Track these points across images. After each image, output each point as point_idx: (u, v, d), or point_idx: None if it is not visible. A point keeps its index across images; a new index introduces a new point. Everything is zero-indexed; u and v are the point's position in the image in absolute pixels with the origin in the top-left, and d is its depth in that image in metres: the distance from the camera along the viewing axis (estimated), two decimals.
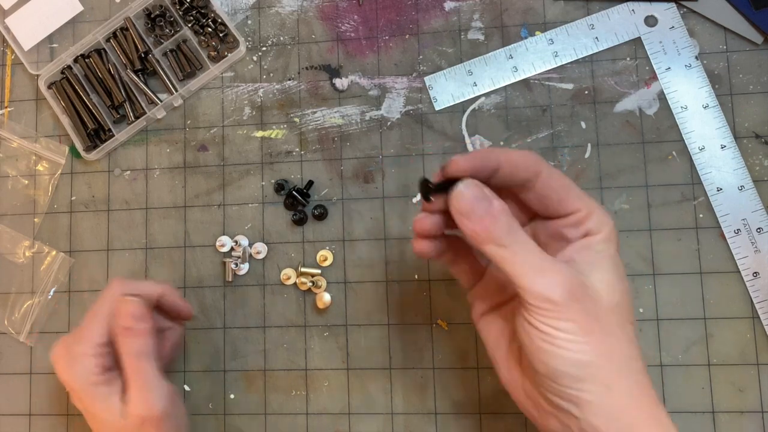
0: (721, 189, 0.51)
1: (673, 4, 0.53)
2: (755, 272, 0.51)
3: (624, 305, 0.36)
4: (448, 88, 0.55)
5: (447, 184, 0.37)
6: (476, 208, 0.35)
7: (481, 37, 0.56)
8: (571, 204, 0.37)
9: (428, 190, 0.37)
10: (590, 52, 0.54)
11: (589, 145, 0.53)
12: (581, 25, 0.54)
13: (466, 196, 0.36)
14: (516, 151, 0.38)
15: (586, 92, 0.54)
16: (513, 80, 0.54)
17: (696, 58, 0.53)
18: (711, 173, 0.52)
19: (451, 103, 0.55)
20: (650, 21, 0.54)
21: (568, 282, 0.34)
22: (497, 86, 0.55)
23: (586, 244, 0.37)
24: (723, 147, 0.52)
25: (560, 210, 0.38)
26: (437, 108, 0.55)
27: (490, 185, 0.38)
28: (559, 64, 0.54)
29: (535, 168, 0.37)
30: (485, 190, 0.36)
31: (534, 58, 0.54)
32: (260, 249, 0.56)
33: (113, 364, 0.44)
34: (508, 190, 0.38)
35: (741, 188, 0.51)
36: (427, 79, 0.55)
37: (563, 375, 0.34)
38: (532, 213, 0.40)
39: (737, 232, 0.51)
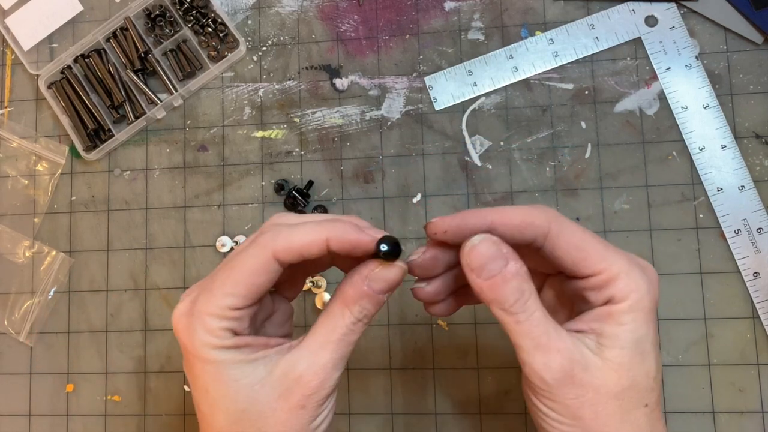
0: (721, 189, 0.51)
1: (673, 4, 0.53)
2: (755, 272, 0.51)
3: (638, 388, 0.32)
4: (449, 88, 0.55)
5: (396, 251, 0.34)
6: (488, 267, 0.32)
7: (481, 37, 0.55)
8: (589, 266, 0.33)
9: (384, 252, 0.33)
10: (590, 52, 0.54)
11: (589, 145, 0.53)
12: (581, 25, 0.54)
13: (481, 252, 0.32)
14: (516, 209, 0.34)
15: (587, 92, 0.54)
16: (513, 80, 0.54)
17: (696, 58, 0.53)
18: (711, 173, 0.52)
19: (452, 103, 0.55)
20: (650, 21, 0.54)
21: (566, 363, 0.31)
22: (497, 86, 0.55)
23: (607, 313, 0.32)
24: (723, 147, 0.52)
25: (577, 272, 0.33)
26: (437, 108, 0.55)
27: None
28: (559, 64, 0.54)
29: (539, 228, 0.33)
30: (503, 248, 0.33)
31: (534, 58, 0.54)
32: None
33: (250, 326, 0.34)
34: None
35: (741, 188, 0.51)
36: (427, 79, 0.55)
37: None
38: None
39: (737, 232, 0.51)
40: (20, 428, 0.57)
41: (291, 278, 0.39)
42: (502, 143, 0.54)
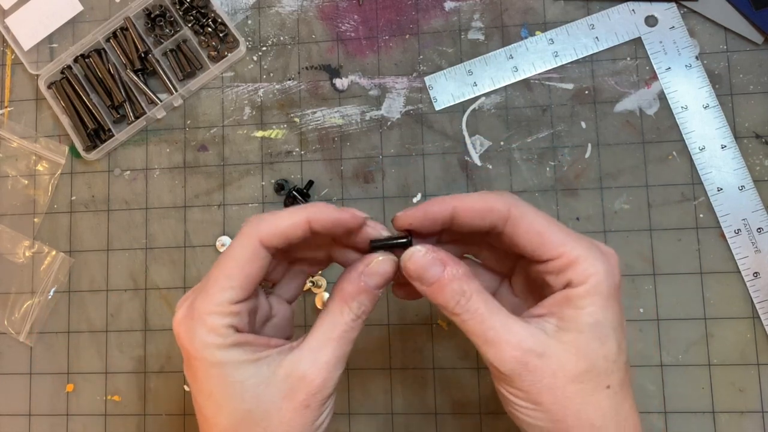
0: (721, 189, 0.51)
1: (674, 4, 0.53)
2: (755, 272, 0.51)
3: (597, 371, 0.33)
4: (449, 88, 0.55)
5: (398, 238, 0.36)
6: (426, 274, 0.34)
7: (481, 37, 0.55)
8: (548, 250, 0.33)
9: (378, 246, 0.35)
10: (590, 52, 0.54)
11: (589, 145, 0.53)
12: (581, 25, 0.54)
13: (415, 261, 0.34)
14: (478, 195, 0.35)
15: (587, 92, 0.54)
16: (513, 80, 0.54)
17: (696, 58, 0.53)
18: (711, 173, 0.52)
19: (452, 103, 0.55)
20: (650, 21, 0.54)
21: (518, 353, 0.32)
22: (497, 86, 0.55)
23: (565, 297, 0.33)
24: (723, 147, 0.52)
25: (536, 256, 0.34)
26: (437, 108, 0.55)
27: (452, 233, 0.36)
28: (559, 64, 0.54)
29: (499, 212, 0.34)
30: (438, 254, 0.34)
31: (534, 57, 0.54)
32: None
33: (250, 324, 0.35)
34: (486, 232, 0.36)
35: (741, 188, 0.51)
36: (427, 79, 0.55)
37: (524, 428, 0.34)
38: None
39: (737, 232, 0.51)
40: (20, 428, 0.57)
41: (290, 276, 0.39)
42: (502, 143, 0.54)
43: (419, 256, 0.34)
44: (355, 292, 0.34)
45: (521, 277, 0.39)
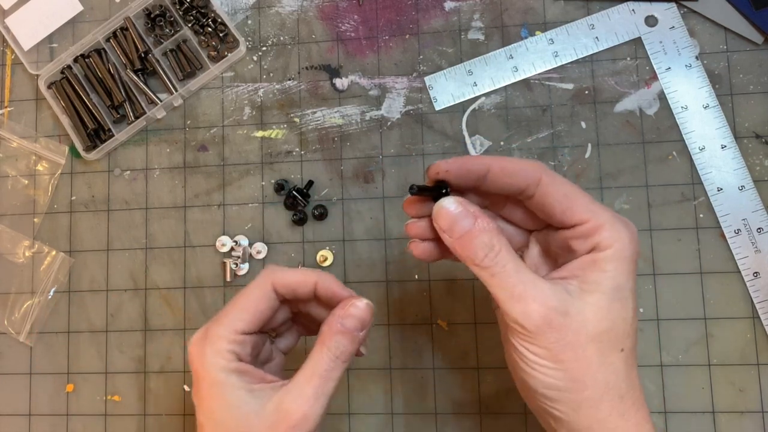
0: (721, 189, 0.51)
1: (674, 4, 0.53)
2: (755, 272, 0.51)
3: (616, 332, 0.34)
4: (449, 88, 0.55)
5: (437, 188, 0.37)
6: (456, 226, 0.35)
7: (481, 37, 0.55)
8: (576, 215, 0.35)
9: (416, 191, 0.36)
10: (590, 52, 0.54)
11: (589, 145, 0.53)
12: (581, 25, 0.54)
13: (447, 212, 0.35)
14: (512, 159, 0.36)
15: (587, 92, 0.54)
16: (513, 80, 0.54)
17: (696, 58, 0.53)
18: (711, 173, 0.52)
19: (452, 103, 0.55)
20: (650, 21, 0.54)
21: (543, 310, 0.33)
22: (497, 86, 0.55)
23: (591, 261, 0.35)
24: (723, 147, 0.52)
25: (564, 221, 0.36)
26: (437, 108, 0.55)
27: (481, 192, 0.37)
28: (559, 64, 0.54)
29: (532, 175, 0.36)
30: (469, 207, 0.35)
31: (534, 57, 0.54)
32: (260, 249, 0.56)
33: (252, 358, 0.38)
34: (514, 197, 0.38)
35: (741, 188, 0.51)
36: (427, 79, 0.55)
37: (537, 392, 0.35)
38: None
39: (737, 232, 0.51)
40: (20, 428, 0.57)
41: (289, 333, 0.44)
42: (502, 143, 0.54)
43: (452, 207, 0.35)
44: (332, 333, 0.37)
45: (536, 249, 0.40)
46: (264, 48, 0.58)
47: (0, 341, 0.59)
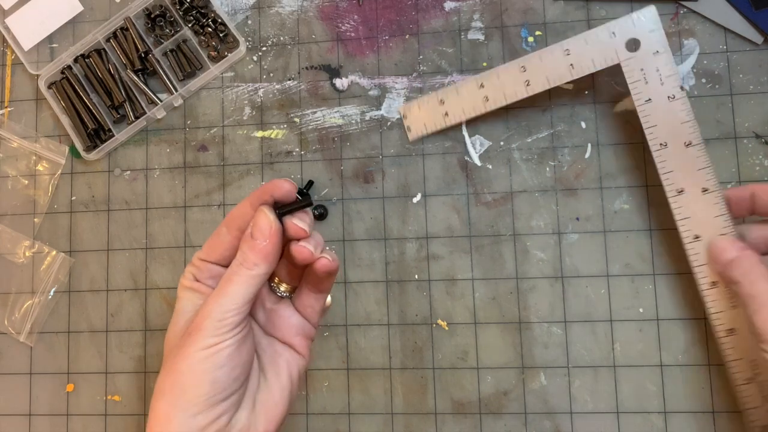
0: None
1: (661, 28, 0.48)
2: None
3: None
4: (421, 118, 0.55)
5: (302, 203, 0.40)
6: (724, 256, 0.45)
7: (481, 38, 0.56)
8: None
9: (287, 212, 0.41)
10: (564, 81, 0.50)
11: (589, 145, 0.53)
12: (556, 51, 0.50)
13: (718, 245, 0.45)
14: None
15: (586, 92, 0.54)
16: (484, 111, 0.53)
17: (681, 88, 0.47)
18: (690, 218, 0.47)
19: (425, 133, 0.55)
20: (631, 45, 0.48)
21: None
22: (468, 116, 0.54)
23: None
24: (705, 191, 0.47)
25: None
26: (411, 139, 0.55)
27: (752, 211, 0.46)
28: (530, 94, 0.51)
29: None
30: (735, 243, 0.45)
31: (505, 86, 0.52)
32: None
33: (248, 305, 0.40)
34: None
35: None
36: (401, 108, 0.55)
37: None
38: None
39: None
40: (20, 428, 0.57)
41: (303, 292, 0.45)
42: (502, 143, 0.54)
43: (722, 241, 0.45)
44: (242, 241, 0.41)
45: None
46: (264, 48, 0.58)
47: (0, 341, 0.59)
